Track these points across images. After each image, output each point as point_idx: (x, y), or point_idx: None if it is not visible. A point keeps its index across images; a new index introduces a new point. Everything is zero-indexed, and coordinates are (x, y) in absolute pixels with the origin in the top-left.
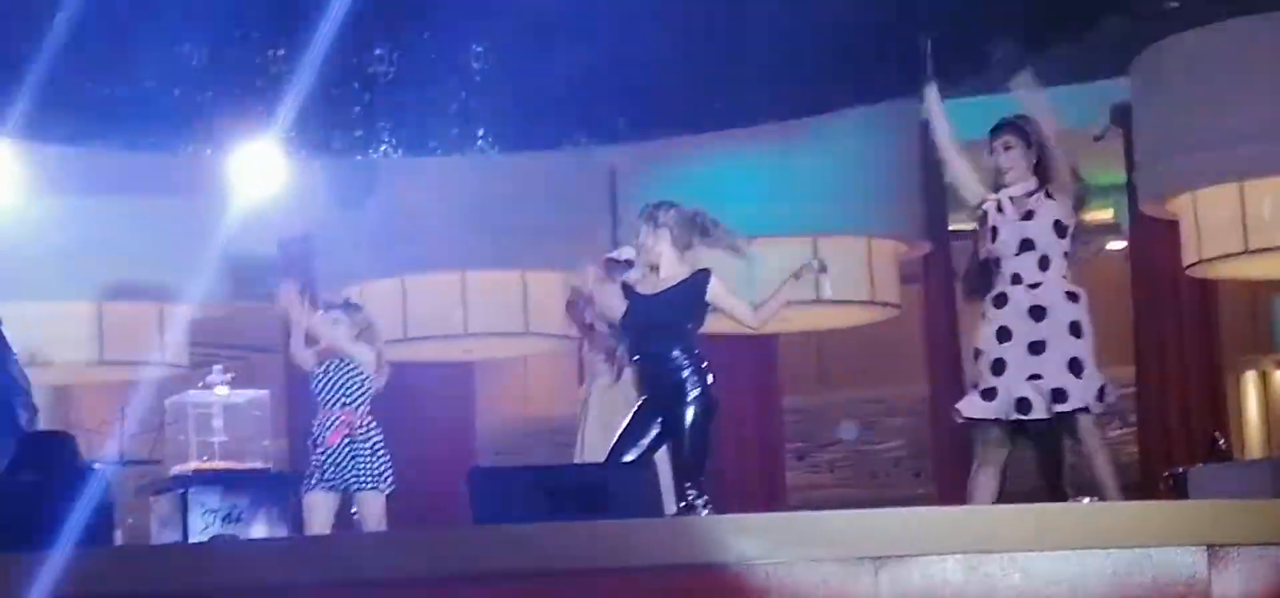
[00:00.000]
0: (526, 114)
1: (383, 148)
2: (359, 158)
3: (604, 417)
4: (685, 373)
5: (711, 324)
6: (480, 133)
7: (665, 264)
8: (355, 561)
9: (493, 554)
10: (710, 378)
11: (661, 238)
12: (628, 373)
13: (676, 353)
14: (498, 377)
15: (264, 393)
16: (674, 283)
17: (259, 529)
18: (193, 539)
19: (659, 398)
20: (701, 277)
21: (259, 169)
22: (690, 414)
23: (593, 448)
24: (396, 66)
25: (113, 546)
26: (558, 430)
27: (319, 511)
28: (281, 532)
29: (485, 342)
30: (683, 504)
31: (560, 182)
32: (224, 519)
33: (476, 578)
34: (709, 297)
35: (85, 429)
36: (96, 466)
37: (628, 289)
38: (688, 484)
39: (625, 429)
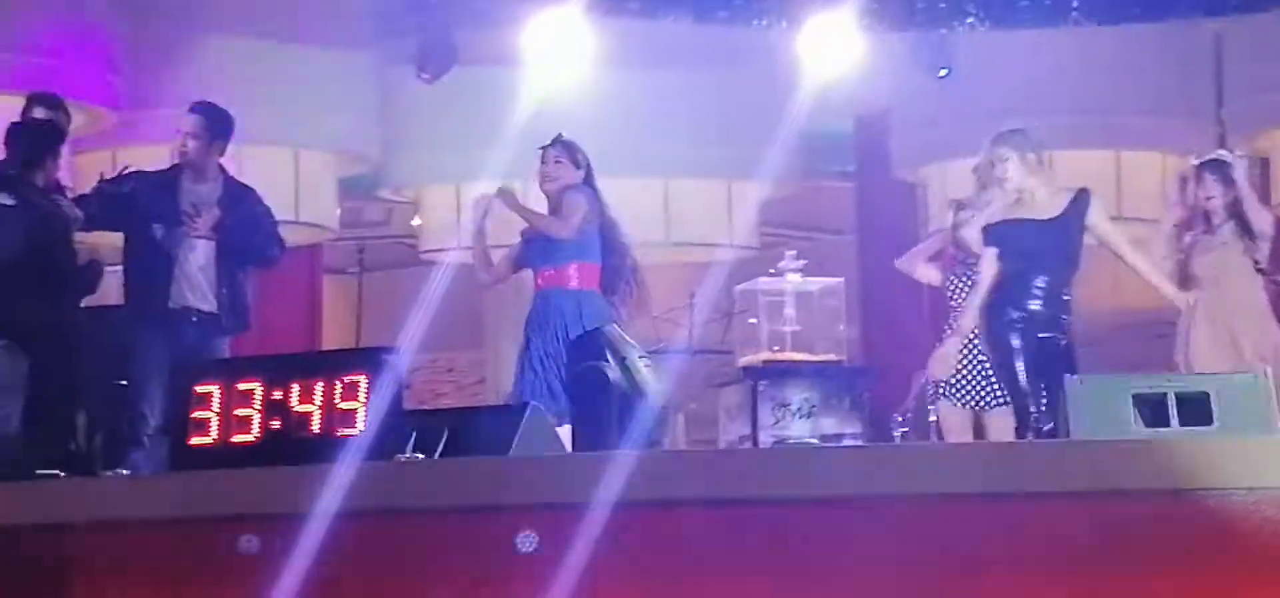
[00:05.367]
0: None
1: (969, 20)
2: (943, 31)
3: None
4: None
5: None
6: (1075, 4)
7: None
8: (924, 473)
9: (1086, 470)
10: None
11: None
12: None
13: None
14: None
15: (838, 281)
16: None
17: (830, 424)
18: (762, 433)
19: None
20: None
21: (834, 43)
22: None
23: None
24: None
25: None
26: (1150, 324)
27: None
28: (854, 427)
29: None
30: None
31: (1161, 54)
32: (794, 413)
33: (1065, 495)
34: None
35: (652, 315)
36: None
37: None
38: None
39: None
